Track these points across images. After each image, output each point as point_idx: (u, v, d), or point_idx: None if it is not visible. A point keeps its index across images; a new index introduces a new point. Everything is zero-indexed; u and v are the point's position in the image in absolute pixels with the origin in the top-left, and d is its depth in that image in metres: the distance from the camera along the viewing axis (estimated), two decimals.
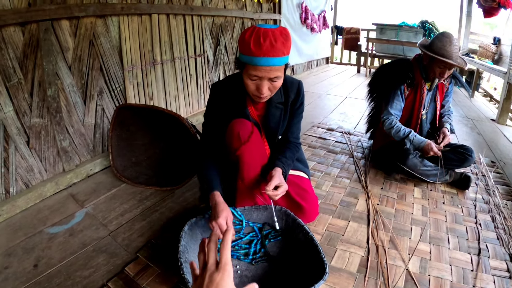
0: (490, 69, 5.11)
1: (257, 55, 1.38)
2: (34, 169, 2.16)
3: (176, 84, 3.35)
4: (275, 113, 1.74)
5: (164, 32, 3.08)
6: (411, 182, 2.51)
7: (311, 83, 6.08)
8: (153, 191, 2.29)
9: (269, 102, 1.70)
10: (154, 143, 2.65)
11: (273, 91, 1.54)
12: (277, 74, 1.45)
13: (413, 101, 2.51)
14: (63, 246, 1.74)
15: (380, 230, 1.93)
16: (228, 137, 1.65)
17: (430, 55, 2.27)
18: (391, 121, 2.46)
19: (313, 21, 6.54)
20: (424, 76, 2.43)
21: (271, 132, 1.79)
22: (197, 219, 1.62)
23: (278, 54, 1.39)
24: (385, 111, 2.51)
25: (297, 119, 1.84)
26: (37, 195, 2.14)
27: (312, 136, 3.41)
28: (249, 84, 1.50)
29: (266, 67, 1.40)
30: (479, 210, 2.21)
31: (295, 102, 1.77)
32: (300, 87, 1.78)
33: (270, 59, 1.39)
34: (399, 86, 2.46)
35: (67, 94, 2.28)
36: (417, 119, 2.55)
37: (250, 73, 1.45)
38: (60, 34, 2.18)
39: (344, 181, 2.51)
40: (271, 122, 1.75)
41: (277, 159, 1.69)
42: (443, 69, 2.28)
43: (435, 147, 2.29)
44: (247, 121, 1.67)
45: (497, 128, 4.04)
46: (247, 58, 1.42)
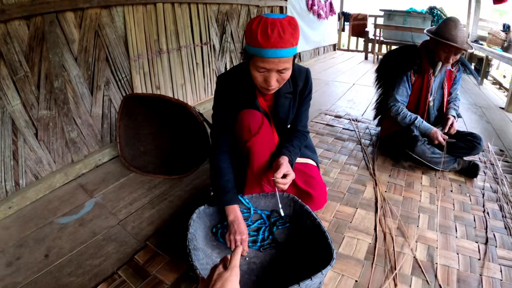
0: (500, 56, 5.02)
1: (265, 46, 1.32)
2: (43, 160, 2.18)
3: (183, 72, 3.35)
4: (284, 103, 1.72)
5: (170, 21, 3.06)
6: (419, 170, 2.50)
7: (318, 70, 6.04)
8: (161, 179, 2.31)
9: (277, 92, 1.66)
10: (162, 132, 2.65)
11: (282, 82, 1.50)
12: (285, 66, 1.41)
13: (420, 88, 2.49)
14: (74, 236, 1.77)
15: (388, 218, 1.93)
16: (239, 128, 1.64)
17: (435, 39, 2.26)
18: (398, 107, 2.46)
19: (319, 7, 6.46)
20: (431, 63, 2.40)
21: (280, 122, 1.78)
22: (205, 208, 1.63)
23: (287, 45, 1.34)
24: (392, 98, 2.51)
25: (305, 107, 1.82)
26: (47, 186, 2.16)
27: (319, 123, 3.41)
28: (257, 76, 1.46)
29: (275, 59, 1.36)
30: (487, 198, 2.20)
31: (303, 90, 1.74)
32: (308, 75, 1.74)
33: (279, 51, 1.34)
34: (405, 72, 2.45)
35: (74, 86, 2.29)
36: (424, 106, 2.53)
37: (258, 65, 1.40)
38: (65, 26, 2.18)
39: (352, 168, 2.51)
40: (280, 112, 1.74)
41: (284, 147, 1.69)
42: (448, 53, 2.25)
43: (440, 136, 2.29)
44: (257, 112, 1.65)
45: (506, 116, 3.99)
46: (254, 50, 1.37)
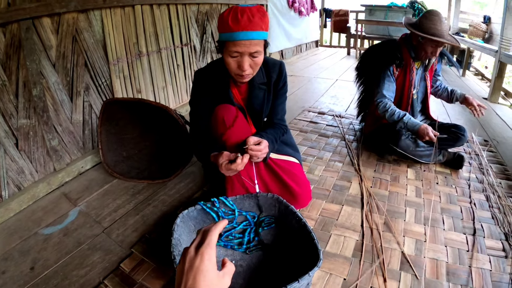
0: (481, 47, 5.10)
1: (236, 30, 1.41)
2: (25, 170, 2.13)
3: (164, 75, 3.31)
4: (259, 94, 1.76)
5: (149, 23, 3.01)
6: (404, 164, 2.50)
7: (300, 67, 6.04)
8: (145, 184, 2.27)
9: (251, 84, 1.72)
10: (145, 136, 2.62)
11: (255, 68, 1.56)
12: (257, 49, 1.47)
13: (403, 82, 2.49)
14: (58, 247, 1.73)
15: (374, 213, 1.92)
16: (214, 123, 1.67)
17: (420, 35, 2.24)
18: (385, 103, 2.42)
19: (300, 4, 6.46)
20: (413, 56, 2.40)
21: (256, 114, 1.81)
22: (189, 211, 1.60)
23: (256, 28, 1.43)
24: (378, 94, 2.47)
25: (281, 100, 1.86)
26: (30, 196, 2.11)
27: (303, 121, 3.39)
28: (231, 62, 1.52)
29: (246, 41, 1.43)
30: (473, 189, 2.21)
31: (277, 82, 1.79)
32: (282, 67, 1.81)
33: (249, 33, 1.42)
34: (388, 67, 2.43)
35: (53, 93, 2.24)
36: (408, 99, 2.52)
37: (231, 50, 1.47)
38: (42, 32, 2.14)
39: (336, 164, 2.49)
40: (255, 104, 1.78)
41: (256, 133, 1.72)
42: (435, 48, 2.25)
43: (431, 132, 2.25)
44: (231, 106, 1.69)
45: (489, 106, 4.00)
46: (226, 35, 1.45)
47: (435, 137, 2.24)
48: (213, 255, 0.67)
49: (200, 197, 2.10)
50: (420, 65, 2.48)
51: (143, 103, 2.30)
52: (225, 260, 0.71)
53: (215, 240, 0.69)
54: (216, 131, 1.66)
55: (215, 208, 1.64)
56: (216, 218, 1.63)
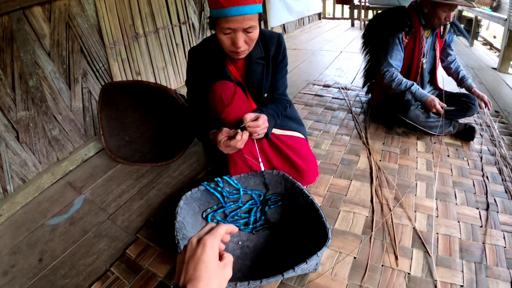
0: (489, 16, 4.92)
1: (227, 5, 1.33)
2: (28, 163, 2.11)
3: (163, 55, 3.22)
4: (257, 70, 1.69)
5: (144, 3, 2.91)
6: (413, 135, 2.42)
7: (304, 40, 5.90)
8: (149, 167, 2.24)
9: (249, 58, 1.65)
10: (146, 119, 2.57)
11: (250, 44, 1.49)
12: (250, 24, 1.40)
13: (412, 50, 2.39)
14: (65, 236, 1.72)
15: (384, 188, 1.87)
16: (211, 101, 1.60)
17: (432, 1, 2.14)
18: (392, 73, 2.33)
19: None
20: (423, 23, 2.30)
21: (255, 90, 1.75)
22: (192, 193, 1.56)
23: (249, 1, 1.35)
24: (385, 63, 2.38)
25: (281, 74, 1.78)
26: (35, 188, 2.10)
27: (308, 94, 3.31)
28: (224, 39, 1.45)
29: (238, 16, 1.35)
30: (485, 162, 2.13)
31: (276, 55, 1.71)
32: (281, 39, 1.71)
33: (241, 8, 1.34)
34: (397, 34, 2.33)
35: (50, 82, 2.20)
36: (417, 69, 2.43)
37: (223, 27, 1.39)
38: (33, 21, 2.08)
39: (343, 138, 2.43)
40: (253, 79, 1.71)
41: (256, 109, 1.66)
42: (448, 12, 2.15)
43: (438, 104, 2.18)
44: (229, 82, 1.62)
45: (499, 76, 3.91)
46: (217, 11, 1.37)
47: (442, 109, 2.17)
48: (216, 246, 0.64)
49: (204, 177, 2.05)
50: (430, 34, 2.37)
51: (141, 85, 2.24)
52: (221, 251, 0.67)
53: (221, 233, 0.67)
54: (215, 109, 1.60)
55: (219, 188, 1.59)
56: (221, 198, 1.59)
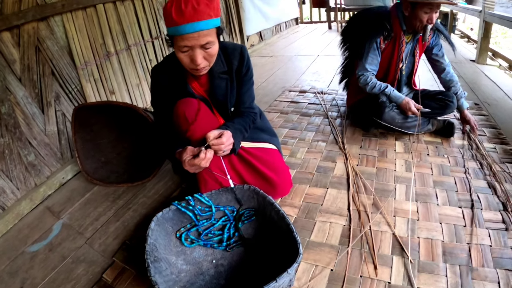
0: (465, 9, 5.00)
1: (181, 23, 1.29)
2: (6, 190, 2.06)
3: (137, 72, 3.18)
4: (221, 84, 1.64)
5: (114, 21, 2.88)
6: (391, 136, 2.40)
7: (281, 47, 5.91)
8: (125, 188, 2.20)
9: (211, 74, 1.60)
10: (122, 138, 2.52)
11: (210, 59, 1.45)
12: (207, 40, 1.36)
13: (391, 55, 2.34)
14: (44, 263, 1.68)
15: (362, 194, 1.83)
16: (176, 120, 1.56)
17: (412, 1, 2.08)
18: (367, 77, 2.30)
19: None
20: (404, 28, 2.23)
21: (221, 105, 1.70)
22: (163, 213, 1.52)
23: (204, 17, 1.30)
24: (360, 67, 2.34)
25: (246, 87, 1.72)
26: (14, 215, 2.05)
27: (283, 102, 3.28)
28: (182, 57, 1.40)
29: (193, 33, 1.31)
30: (466, 157, 2.11)
31: (240, 69, 1.65)
32: (243, 51, 1.65)
33: (196, 24, 1.29)
34: (374, 38, 2.27)
35: (22, 107, 2.15)
36: (394, 74, 2.40)
37: (180, 45, 1.36)
38: (2, 47, 2.04)
39: (320, 144, 2.39)
40: (218, 95, 1.66)
41: (222, 125, 1.61)
42: (430, 13, 2.06)
43: (413, 106, 2.16)
44: (192, 99, 1.57)
45: (477, 68, 3.94)
46: (172, 29, 1.33)
47: (418, 111, 2.15)
48: None
49: (179, 195, 2.01)
50: (411, 39, 2.31)
51: (111, 105, 2.20)
52: None
53: None
54: (179, 128, 1.55)
55: (190, 206, 1.55)
56: (193, 217, 1.55)
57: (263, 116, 1.94)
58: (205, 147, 1.42)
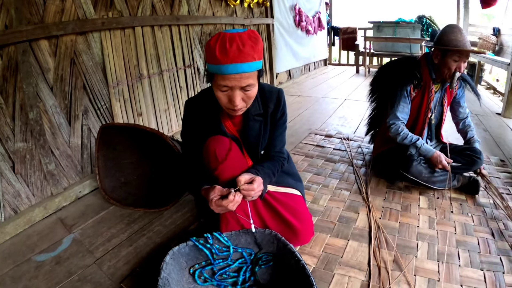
0: (492, 60, 4.97)
1: (224, 62, 1.27)
2: (22, 194, 2.09)
3: (166, 97, 3.24)
4: (254, 126, 1.62)
5: (150, 44, 2.97)
6: (416, 190, 2.35)
7: (309, 87, 5.96)
8: (141, 213, 2.18)
9: (246, 115, 1.58)
10: (143, 161, 2.53)
11: (248, 101, 1.44)
12: (249, 82, 1.34)
13: (420, 104, 2.34)
14: (49, 275, 1.67)
15: (383, 249, 1.77)
16: (205, 156, 1.54)
17: (442, 49, 2.13)
18: (398, 126, 2.27)
19: (307, 23, 6.43)
20: (433, 77, 2.26)
21: (252, 147, 1.67)
22: (180, 248, 1.49)
23: (248, 59, 1.29)
24: (392, 115, 2.33)
25: (279, 131, 1.71)
26: (26, 220, 2.06)
27: (309, 145, 3.26)
28: (221, 96, 1.39)
29: (236, 75, 1.30)
30: (490, 217, 2.05)
31: (275, 112, 1.65)
32: (280, 95, 1.65)
33: (239, 66, 1.28)
34: (405, 87, 2.28)
35: (50, 116, 2.21)
36: (423, 123, 2.38)
37: (220, 84, 1.34)
38: (39, 54, 2.12)
39: (343, 193, 2.34)
40: (250, 137, 1.64)
41: (251, 167, 1.59)
42: (459, 61, 2.11)
43: (444, 160, 2.13)
44: (224, 138, 1.55)
45: (503, 122, 3.89)
46: (214, 67, 1.31)
47: (449, 165, 2.11)
48: None
49: (196, 228, 1.98)
50: (439, 88, 2.33)
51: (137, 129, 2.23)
52: None
53: None
54: (208, 165, 1.54)
55: (208, 244, 1.52)
56: (210, 255, 1.51)
57: (290, 159, 1.92)
58: (235, 190, 1.40)
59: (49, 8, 2.16)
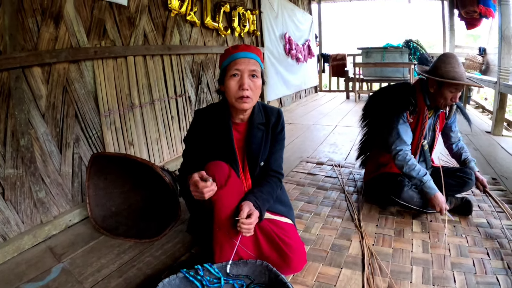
0: (479, 80, 5.06)
1: (236, 52, 1.60)
2: (11, 221, 2.05)
3: (157, 127, 3.24)
4: (257, 134, 1.76)
5: (142, 74, 3.00)
6: (408, 215, 2.34)
7: (300, 114, 6.03)
8: (131, 243, 2.14)
9: (251, 122, 1.75)
10: (135, 191, 2.51)
11: (255, 91, 1.62)
12: (255, 68, 1.60)
13: (414, 130, 2.34)
14: None
15: (377, 276, 1.74)
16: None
17: (439, 81, 2.12)
18: (406, 154, 2.20)
19: (297, 51, 6.56)
20: (428, 104, 2.27)
21: (253, 156, 1.78)
22: (170, 279, 1.47)
23: (253, 51, 1.63)
24: (397, 141, 2.25)
25: (279, 145, 1.85)
26: (15, 248, 2.02)
27: (300, 173, 3.24)
28: (232, 84, 1.60)
29: (245, 59, 1.59)
30: (484, 237, 2.05)
31: (276, 125, 1.81)
32: (280, 113, 1.86)
33: (247, 53, 1.61)
34: (402, 112, 2.27)
35: (41, 143, 2.20)
36: (416, 149, 2.38)
37: (232, 69, 1.59)
38: (32, 81, 2.14)
39: (335, 221, 2.32)
40: (253, 143, 1.76)
41: (251, 193, 1.67)
42: (455, 92, 2.12)
43: (444, 206, 2.07)
44: (224, 164, 1.64)
45: (493, 140, 3.96)
46: (228, 59, 1.61)
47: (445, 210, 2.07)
48: None
49: (187, 260, 1.94)
50: (432, 114, 2.35)
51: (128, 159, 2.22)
52: None
53: None
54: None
55: (198, 276, 1.50)
56: (200, 287, 1.49)
57: (283, 188, 1.96)
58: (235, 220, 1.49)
59: (43, 36, 2.19)
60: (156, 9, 3.15)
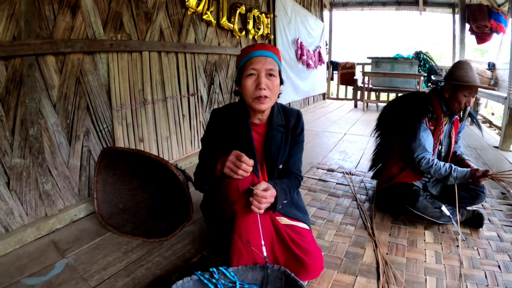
0: (489, 95, 5.04)
1: (252, 50, 1.58)
2: (15, 212, 2.01)
3: (168, 124, 3.21)
4: (276, 136, 1.73)
5: (156, 70, 2.98)
6: (420, 225, 2.31)
7: (308, 120, 5.99)
8: (139, 242, 2.09)
9: (270, 124, 1.72)
10: (143, 188, 2.48)
11: (272, 90, 1.59)
12: (272, 67, 1.56)
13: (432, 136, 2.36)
14: None
15: (392, 285, 1.71)
16: (225, 187, 1.50)
17: (453, 84, 2.19)
18: (428, 159, 2.24)
19: (308, 57, 6.55)
20: (444, 110, 2.30)
21: (271, 159, 1.73)
22: (184, 282, 1.42)
23: (270, 50, 1.60)
24: (419, 148, 2.27)
25: (298, 148, 1.83)
26: (17, 240, 1.98)
27: (311, 179, 3.21)
28: (249, 84, 1.57)
29: (261, 57, 1.56)
30: (496, 250, 2.03)
31: (295, 127, 1.78)
32: (300, 114, 1.83)
33: (264, 51, 1.58)
34: (422, 118, 2.29)
35: (50, 134, 2.17)
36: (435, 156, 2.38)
37: (248, 69, 1.56)
38: (45, 70, 2.10)
39: (348, 228, 2.28)
40: (272, 145, 1.72)
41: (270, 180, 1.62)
42: (469, 96, 2.19)
43: (480, 170, 2.13)
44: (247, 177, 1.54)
45: (501, 155, 3.94)
46: (245, 58, 1.59)
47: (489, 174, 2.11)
48: None
49: (198, 262, 1.89)
50: (448, 121, 2.37)
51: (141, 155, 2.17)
52: None
53: None
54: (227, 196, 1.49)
55: (213, 279, 1.45)
56: None
57: (299, 192, 1.94)
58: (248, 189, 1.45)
59: (59, 24, 2.16)
60: (173, 6, 3.14)
